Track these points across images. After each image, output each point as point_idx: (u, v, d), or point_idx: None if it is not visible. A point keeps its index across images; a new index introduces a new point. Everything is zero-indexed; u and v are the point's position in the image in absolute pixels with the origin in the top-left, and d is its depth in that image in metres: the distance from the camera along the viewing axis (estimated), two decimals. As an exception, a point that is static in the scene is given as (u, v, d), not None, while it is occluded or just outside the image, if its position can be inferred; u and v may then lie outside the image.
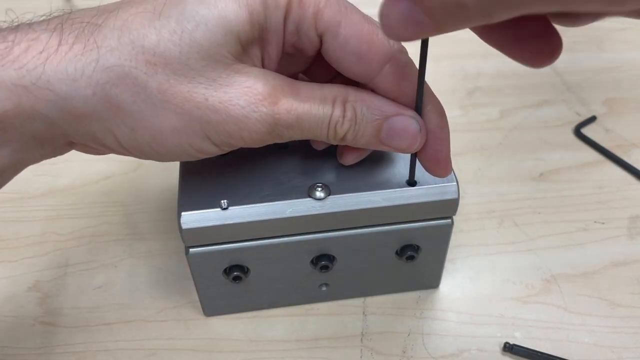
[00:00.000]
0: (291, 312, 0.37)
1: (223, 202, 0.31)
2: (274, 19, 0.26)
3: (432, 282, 0.38)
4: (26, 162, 0.27)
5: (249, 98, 0.25)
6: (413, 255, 0.35)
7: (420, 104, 0.28)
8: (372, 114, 0.28)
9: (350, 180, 0.32)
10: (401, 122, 0.28)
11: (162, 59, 0.24)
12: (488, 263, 0.40)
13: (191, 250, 0.32)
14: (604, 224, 0.43)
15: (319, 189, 0.31)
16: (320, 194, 0.31)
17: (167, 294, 0.38)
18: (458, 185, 0.32)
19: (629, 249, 0.41)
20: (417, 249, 0.35)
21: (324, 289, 0.37)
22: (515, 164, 0.47)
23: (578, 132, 0.50)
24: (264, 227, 0.31)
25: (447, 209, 0.33)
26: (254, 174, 0.33)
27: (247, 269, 0.34)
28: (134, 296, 0.38)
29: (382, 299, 0.38)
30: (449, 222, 0.34)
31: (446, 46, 0.22)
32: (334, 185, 0.32)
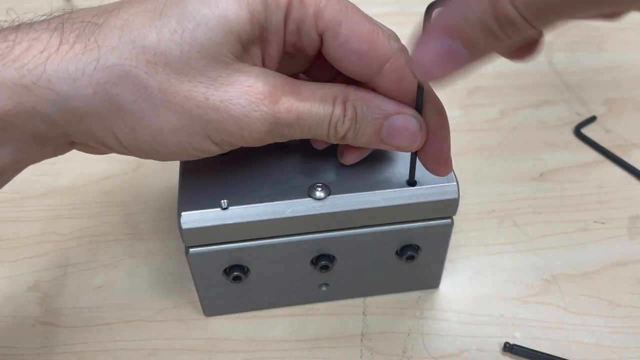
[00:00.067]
0: (291, 312, 0.37)
1: (223, 202, 0.31)
2: (275, 19, 0.26)
3: (432, 282, 0.38)
4: (27, 161, 0.27)
5: (249, 97, 0.25)
6: (413, 255, 0.35)
7: (421, 102, 0.28)
8: (373, 112, 0.28)
9: (350, 180, 0.32)
10: (401, 120, 0.28)
11: (163, 58, 0.24)
12: (488, 263, 0.40)
13: (191, 250, 0.32)
14: (604, 224, 0.43)
15: (319, 188, 0.31)
16: (320, 194, 0.31)
17: (167, 294, 0.38)
18: (458, 185, 0.32)
19: (629, 249, 0.41)
20: (417, 249, 0.35)
21: (324, 289, 0.37)
22: (515, 164, 0.47)
23: (578, 132, 0.50)
24: (264, 227, 0.31)
25: (447, 209, 0.33)
26: (254, 174, 0.33)
27: (247, 269, 0.34)
28: (134, 296, 0.38)
29: (382, 299, 0.38)
30: (449, 222, 0.34)
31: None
32: (334, 185, 0.32)
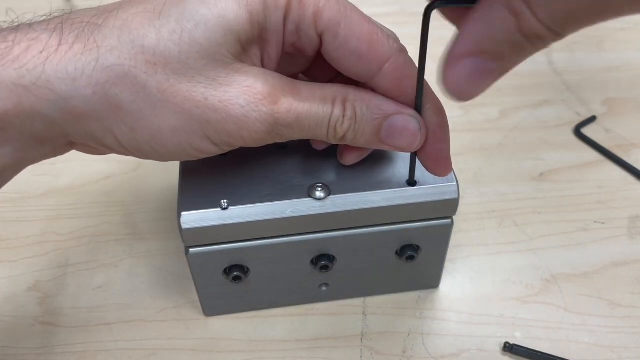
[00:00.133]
0: (291, 312, 0.37)
1: (223, 202, 0.31)
2: (274, 19, 0.26)
3: (432, 282, 0.38)
4: (26, 161, 0.27)
5: (248, 97, 0.25)
6: (413, 255, 0.35)
7: (420, 103, 0.28)
8: (372, 113, 0.28)
9: (350, 180, 0.32)
10: (401, 120, 0.28)
11: (162, 58, 0.24)
12: (488, 263, 0.40)
13: (191, 250, 0.32)
14: (604, 224, 0.43)
15: (319, 189, 0.31)
16: (320, 194, 0.31)
17: (167, 294, 0.38)
18: (458, 185, 0.32)
19: (629, 249, 0.41)
20: (417, 249, 0.35)
21: (324, 289, 0.37)
22: (515, 164, 0.47)
23: (578, 132, 0.50)
24: (264, 227, 0.31)
25: (447, 209, 0.33)
26: (254, 174, 0.33)
27: (247, 269, 0.34)
28: (134, 296, 0.38)
29: (382, 299, 0.38)
30: (449, 222, 0.34)
31: (446, 46, 0.22)
32: (334, 185, 0.32)
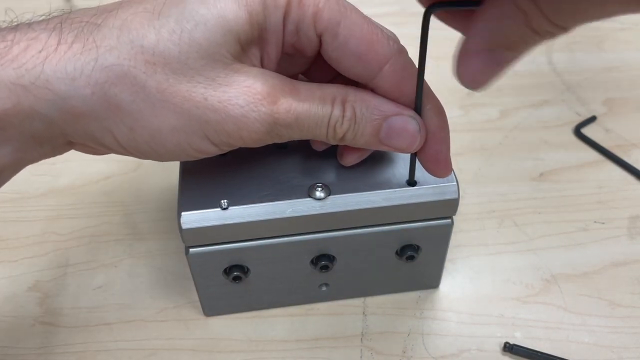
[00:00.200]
0: (291, 312, 0.37)
1: (223, 202, 0.31)
2: (274, 19, 0.26)
3: (432, 282, 0.38)
4: (25, 161, 0.27)
5: (248, 97, 0.25)
6: (413, 255, 0.35)
7: (420, 104, 0.28)
8: (372, 113, 0.28)
9: (350, 180, 0.32)
10: (400, 121, 0.28)
11: (161, 58, 0.24)
12: (488, 263, 0.40)
13: (191, 250, 0.32)
14: (604, 224, 0.43)
15: (319, 189, 0.31)
16: (320, 194, 0.31)
17: (167, 294, 0.38)
18: (458, 185, 0.32)
19: (629, 249, 0.41)
20: (417, 249, 0.35)
21: (324, 289, 0.37)
22: (515, 164, 0.47)
23: (578, 132, 0.50)
24: (264, 227, 0.31)
25: (447, 209, 0.33)
26: (253, 174, 0.33)
27: (247, 269, 0.34)
28: (134, 296, 0.38)
29: (382, 299, 0.38)
30: (449, 222, 0.34)
31: (446, 46, 0.22)
32: (333, 185, 0.32)
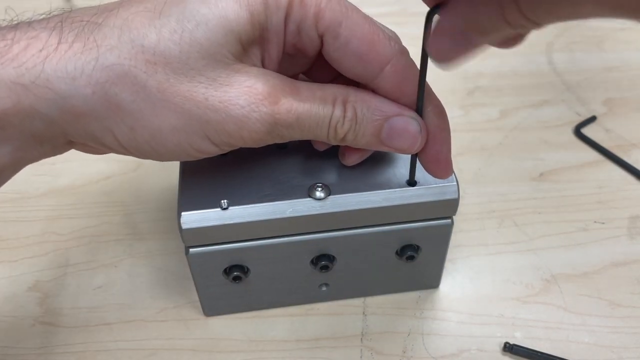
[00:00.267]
0: (291, 312, 0.37)
1: (223, 202, 0.31)
2: (275, 19, 0.26)
3: (432, 282, 0.38)
4: (25, 160, 0.27)
5: (249, 98, 0.25)
6: (413, 255, 0.35)
7: (421, 104, 0.28)
8: (373, 114, 0.28)
9: (350, 180, 0.32)
10: (401, 122, 0.28)
11: (162, 58, 0.24)
12: (488, 263, 0.40)
13: (191, 250, 0.32)
14: (604, 224, 0.43)
15: (319, 189, 0.31)
16: (320, 194, 0.31)
17: (167, 294, 0.38)
18: (458, 185, 0.32)
19: (629, 249, 0.41)
20: (417, 249, 0.35)
21: (324, 289, 0.37)
22: (515, 164, 0.47)
23: (578, 132, 0.50)
24: (264, 227, 0.31)
25: (447, 209, 0.33)
26: (254, 174, 0.33)
27: (247, 269, 0.34)
28: (134, 296, 0.38)
29: (382, 299, 0.38)
30: (449, 222, 0.34)
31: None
32: (334, 185, 0.32)
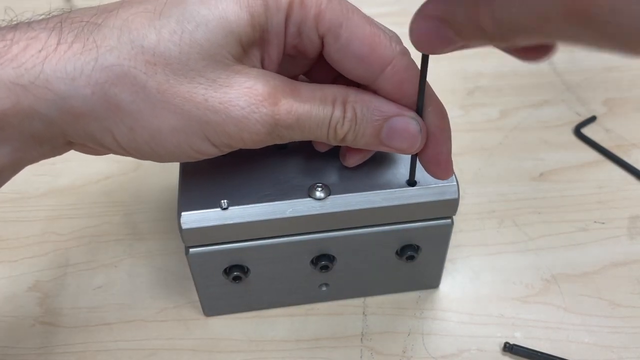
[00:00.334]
0: (291, 312, 0.37)
1: (223, 202, 0.31)
2: (275, 21, 0.26)
3: (432, 282, 0.38)
4: (25, 161, 0.27)
5: (249, 99, 0.25)
6: (413, 255, 0.35)
7: (422, 105, 0.28)
8: (373, 114, 0.28)
9: (350, 180, 0.32)
10: (401, 122, 0.28)
11: (162, 59, 0.24)
12: (488, 263, 0.40)
13: (191, 250, 0.32)
14: (604, 224, 0.43)
15: (318, 189, 0.31)
16: (320, 194, 0.31)
17: (167, 294, 0.38)
18: (458, 186, 0.32)
19: (629, 249, 0.41)
20: (417, 249, 0.35)
21: (324, 289, 0.37)
22: (515, 164, 0.47)
23: (578, 132, 0.50)
24: (264, 227, 0.31)
25: (447, 209, 0.33)
26: (254, 174, 0.33)
27: (247, 269, 0.34)
28: (134, 296, 0.38)
29: (382, 299, 0.38)
30: (449, 222, 0.34)
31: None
32: (333, 185, 0.32)
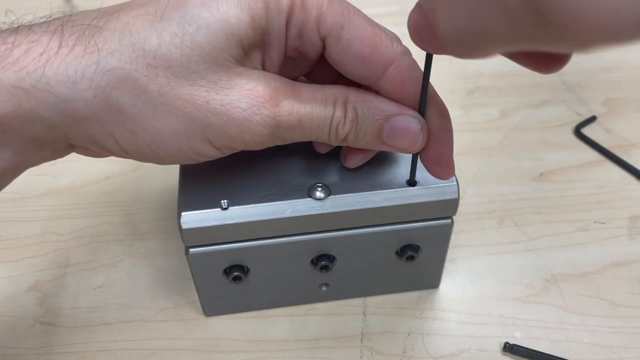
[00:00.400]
0: (291, 312, 0.37)
1: (223, 202, 0.31)
2: (277, 23, 0.26)
3: (432, 282, 0.38)
4: (26, 164, 0.27)
5: (250, 101, 0.25)
6: (413, 255, 0.35)
7: (424, 104, 0.28)
8: (374, 114, 0.28)
9: (350, 180, 0.32)
10: (403, 121, 0.28)
11: (163, 61, 0.24)
12: (488, 263, 0.40)
13: (191, 250, 0.32)
14: (604, 224, 0.43)
15: (319, 189, 0.31)
16: (320, 194, 0.31)
17: (167, 294, 0.38)
18: (458, 186, 0.32)
19: (629, 249, 0.41)
20: (417, 249, 0.35)
21: (324, 289, 0.37)
22: (515, 164, 0.47)
23: (578, 132, 0.50)
24: (264, 227, 0.31)
25: (447, 209, 0.33)
26: (254, 174, 0.33)
27: (247, 269, 0.34)
28: (134, 296, 0.38)
29: (382, 299, 0.38)
30: (449, 222, 0.34)
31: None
32: (334, 185, 0.32)
